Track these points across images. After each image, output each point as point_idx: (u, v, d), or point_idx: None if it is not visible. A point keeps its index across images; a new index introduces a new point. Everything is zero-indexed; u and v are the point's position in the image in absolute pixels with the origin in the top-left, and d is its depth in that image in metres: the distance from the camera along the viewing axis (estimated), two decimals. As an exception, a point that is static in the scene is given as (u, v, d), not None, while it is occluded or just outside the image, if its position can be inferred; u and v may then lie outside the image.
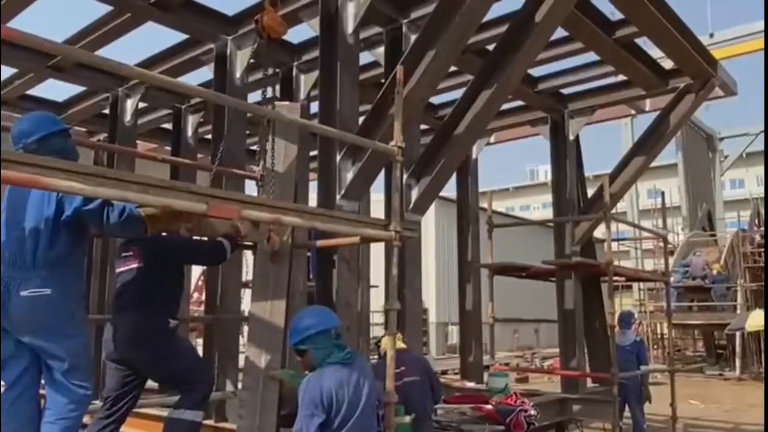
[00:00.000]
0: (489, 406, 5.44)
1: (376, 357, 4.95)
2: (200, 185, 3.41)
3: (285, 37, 4.75)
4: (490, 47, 5.76)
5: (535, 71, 7.13)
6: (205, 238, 4.05)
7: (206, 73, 6.20)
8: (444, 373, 12.73)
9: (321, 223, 3.49)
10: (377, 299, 5.65)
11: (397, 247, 3.77)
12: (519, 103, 7.77)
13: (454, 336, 20.11)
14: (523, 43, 4.59)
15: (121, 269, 3.68)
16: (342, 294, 4.52)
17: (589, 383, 7.34)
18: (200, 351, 7.56)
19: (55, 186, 2.56)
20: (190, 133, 7.20)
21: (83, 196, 2.95)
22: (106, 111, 7.03)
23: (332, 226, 3.56)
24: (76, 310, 3.11)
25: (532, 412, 5.36)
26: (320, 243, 4.41)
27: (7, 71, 6.74)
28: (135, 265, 3.73)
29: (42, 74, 6.47)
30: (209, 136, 8.38)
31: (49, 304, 2.98)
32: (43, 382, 3.14)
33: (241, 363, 5.52)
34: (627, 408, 6.78)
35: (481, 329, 7.83)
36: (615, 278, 6.33)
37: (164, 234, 3.67)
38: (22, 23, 5.70)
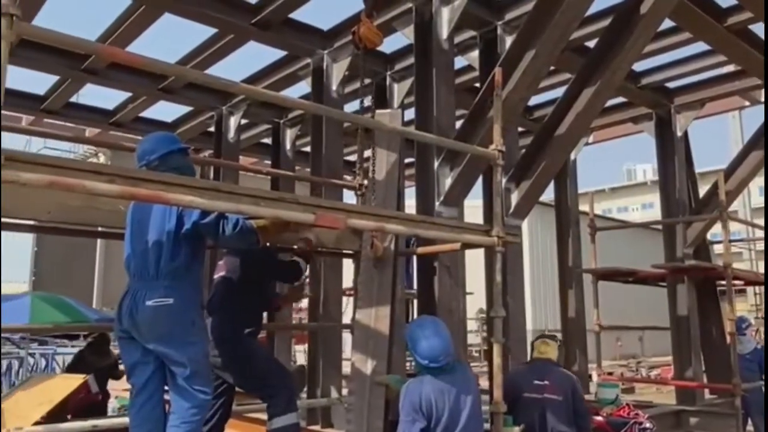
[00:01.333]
0: (599, 418, 5.18)
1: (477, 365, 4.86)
2: (307, 196, 3.50)
3: (377, 48, 4.81)
4: (590, 43, 5.55)
5: (638, 65, 6.80)
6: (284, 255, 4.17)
7: (302, 88, 6.43)
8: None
9: (423, 230, 3.48)
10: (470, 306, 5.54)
11: (500, 252, 3.70)
12: (620, 99, 7.42)
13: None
14: (627, 37, 4.37)
15: (214, 276, 3.91)
16: (444, 301, 4.48)
17: (707, 394, 6.86)
18: (303, 358, 7.81)
19: (176, 200, 2.71)
20: (288, 146, 7.45)
21: (201, 209, 3.11)
22: (211, 129, 7.40)
23: (434, 233, 3.54)
24: (196, 319, 3.26)
25: (648, 425, 5.05)
26: (421, 250, 4.40)
27: (122, 95, 7.27)
28: (222, 273, 3.94)
29: (153, 97, 6.92)
30: (306, 149, 8.67)
31: (171, 313, 3.14)
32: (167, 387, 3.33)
33: (345, 370, 5.63)
34: (749, 422, 6.27)
35: (585, 337, 7.51)
36: (732, 282, 5.89)
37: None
38: (135, 49, 6.11)
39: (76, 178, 2.41)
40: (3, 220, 3.79)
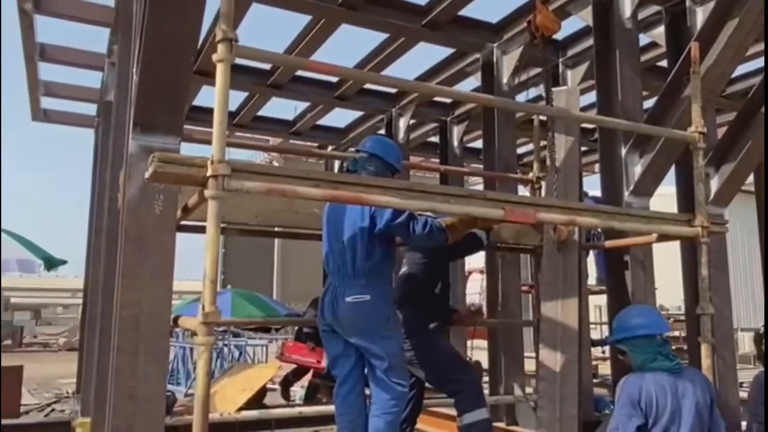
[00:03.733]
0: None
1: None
2: (495, 192, 3.48)
3: (554, 36, 4.64)
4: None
5: None
6: None
7: (470, 84, 6.40)
8: (740, 385, 11.12)
9: (619, 222, 3.29)
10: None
11: (706, 244, 3.39)
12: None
13: (745, 344, 17.52)
14: None
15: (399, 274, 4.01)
16: (638, 298, 4.19)
17: None
18: (478, 354, 7.79)
19: (374, 201, 2.84)
20: (456, 143, 7.49)
21: (394, 209, 3.23)
22: (381, 131, 7.66)
23: (630, 224, 3.33)
24: (391, 315, 3.39)
25: None
26: (610, 243, 4.17)
27: (301, 105, 7.80)
28: (405, 270, 4.02)
29: (329, 105, 7.34)
30: (472, 145, 8.65)
31: (368, 309, 3.30)
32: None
33: (527, 367, 5.52)
34: None
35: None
36: None
37: None
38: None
39: (288, 184, 2.62)
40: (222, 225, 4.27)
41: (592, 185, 5.73)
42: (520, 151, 8.07)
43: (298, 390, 10.99)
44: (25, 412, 8.26)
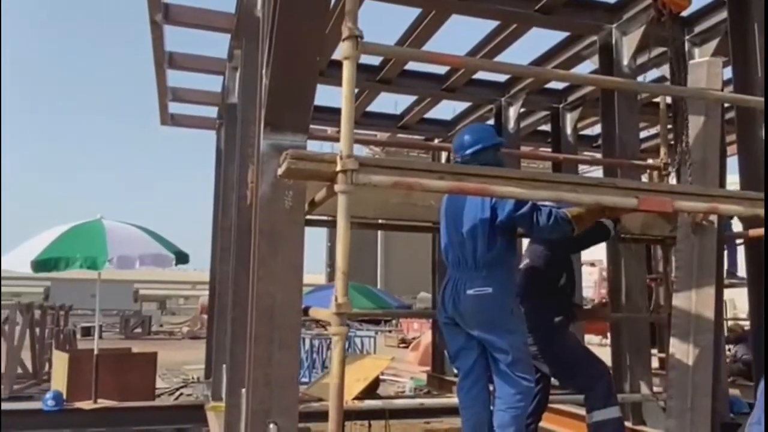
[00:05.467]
0: None
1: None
2: (627, 180, 3.32)
3: (683, 11, 4.35)
4: None
5: None
6: None
7: (585, 68, 6.14)
8: None
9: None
10: None
11: None
12: None
13: None
14: None
15: (519, 266, 3.91)
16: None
17: None
18: (596, 351, 7.50)
19: (500, 192, 2.79)
20: (569, 131, 7.23)
21: (518, 200, 3.17)
22: (490, 121, 7.54)
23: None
24: (514, 308, 3.33)
25: None
26: (753, 232, 3.86)
27: (409, 99, 7.84)
28: (527, 262, 3.90)
29: (437, 98, 7.33)
30: (586, 132, 8.32)
31: (491, 302, 3.26)
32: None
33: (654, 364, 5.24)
34: None
35: None
36: None
37: None
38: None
39: (414, 177, 2.64)
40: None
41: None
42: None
43: (407, 381, 11.13)
44: (158, 395, 8.93)
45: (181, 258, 6.79)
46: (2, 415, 6.65)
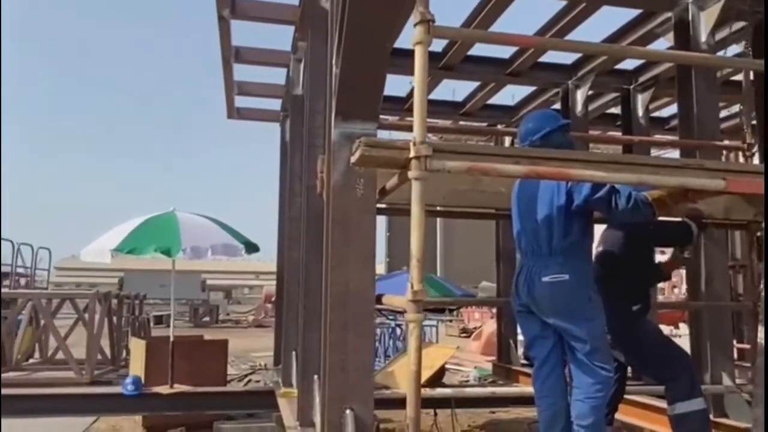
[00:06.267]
0: None
1: None
2: (714, 161, 3.16)
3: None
4: None
5: None
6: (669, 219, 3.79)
7: (658, 47, 5.88)
8: None
9: None
10: None
11: None
12: None
13: None
14: None
15: (594, 252, 3.78)
16: None
17: None
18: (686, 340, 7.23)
19: (578, 176, 2.71)
20: (641, 112, 6.95)
21: (593, 183, 3.07)
22: (556, 106, 7.35)
23: None
24: (592, 295, 3.24)
25: None
26: None
27: (470, 86, 7.73)
28: (602, 248, 3.77)
29: (501, 83, 7.19)
30: (658, 114, 7.99)
31: (567, 289, 3.19)
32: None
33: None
34: None
35: None
36: None
37: None
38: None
39: (489, 162, 2.60)
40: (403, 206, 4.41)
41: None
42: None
43: (471, 371, 11.07)
44: (228, 381, 9.22)
45: (250, 248, 6.96)
46: (84, 399, 7.03)
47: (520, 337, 7.97)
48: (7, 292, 12.00)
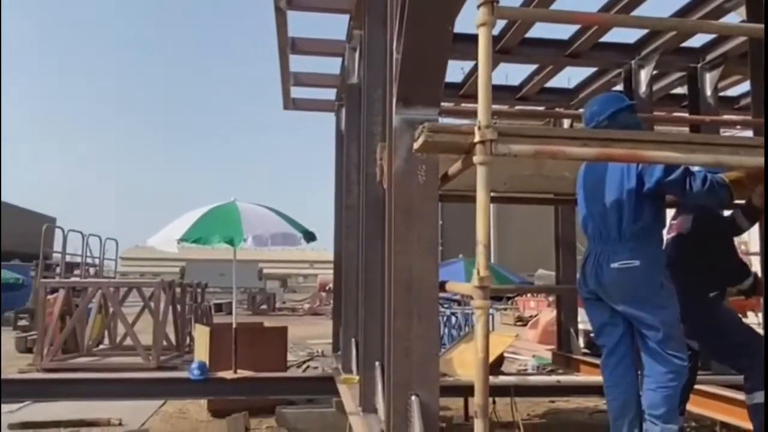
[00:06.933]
0: None
1: None
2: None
3: None
4: None
5: None
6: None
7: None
8: None
9: None
10: None
11: None
12: None
13: None
14: None
15: (666, 236, 3.64)
16: None
17: None
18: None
19: (651, 157, 2.61)
20: (709, 92, 6.64)
21: (666, 165, 2.95)
22: (618, 87, 7.10)
23: None
24: (664, 281, 3.12)
25: None
26: None
27: (528, 68, 7.55)
28: (674, 233, 3.63)
29: (559, 65, 7.00)
30: (727, 93, 7.62)
31: (638, 276, 3.09)
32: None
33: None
34: None
35: None
36: None
37: None
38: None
39: (557, 145, 2.53)
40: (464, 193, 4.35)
41: None
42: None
43: (528, 359, 10.94)
44: (288, 368, 9.42)
45: (308, 237, 7.05)
46: (152, 383, 7.30)
47: (581, 326, 7.81)
48: (79, 281, 12.60)
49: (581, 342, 7.80)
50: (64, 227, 13.50)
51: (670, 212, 3.77)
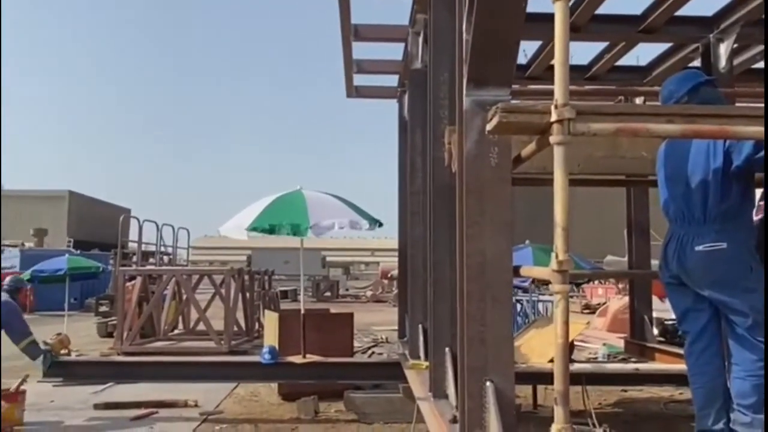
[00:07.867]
0: None
1: None
2: None
3: None
4: None
5: None
6: None
7: None
8: None
9: None
10: None
11: None
12: None
13: None
14: None
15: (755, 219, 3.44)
16: None
17: None
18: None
19: (743, 133, 2.45)
20: (796, 65, 6.22)
21: (758, 141, 2.78)
22: (696, 63, 6.75)
23: None
24: (754, 264, 2.95)
25: None
26: None
27: (598, 47, 7.28)
28: (759, 216, 3.42)
29: (632, 42, 6.71)
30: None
31: (725, 258, 2.93)
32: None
33: None
34: None
35: None
36: None
37: None
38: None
39: (638, 122, 2.42)
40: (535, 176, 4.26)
41: None
42: None
43: (598, 347, 10.65)
44: (354, 353, 9.53)
45: (375, 223, 7.09)
46: (225, 366, 7.55)
47: (656, 314, 7.52)
48: (155, 269, 13.18)
49: (655, 330, 7.52)
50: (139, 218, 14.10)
51: (758, 192, 3.58)
